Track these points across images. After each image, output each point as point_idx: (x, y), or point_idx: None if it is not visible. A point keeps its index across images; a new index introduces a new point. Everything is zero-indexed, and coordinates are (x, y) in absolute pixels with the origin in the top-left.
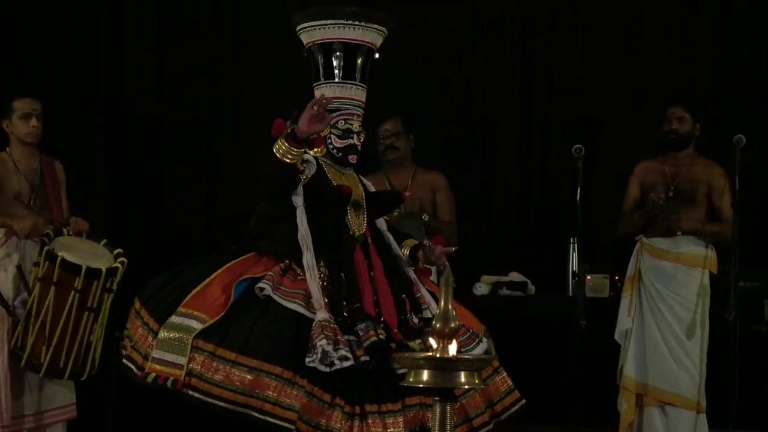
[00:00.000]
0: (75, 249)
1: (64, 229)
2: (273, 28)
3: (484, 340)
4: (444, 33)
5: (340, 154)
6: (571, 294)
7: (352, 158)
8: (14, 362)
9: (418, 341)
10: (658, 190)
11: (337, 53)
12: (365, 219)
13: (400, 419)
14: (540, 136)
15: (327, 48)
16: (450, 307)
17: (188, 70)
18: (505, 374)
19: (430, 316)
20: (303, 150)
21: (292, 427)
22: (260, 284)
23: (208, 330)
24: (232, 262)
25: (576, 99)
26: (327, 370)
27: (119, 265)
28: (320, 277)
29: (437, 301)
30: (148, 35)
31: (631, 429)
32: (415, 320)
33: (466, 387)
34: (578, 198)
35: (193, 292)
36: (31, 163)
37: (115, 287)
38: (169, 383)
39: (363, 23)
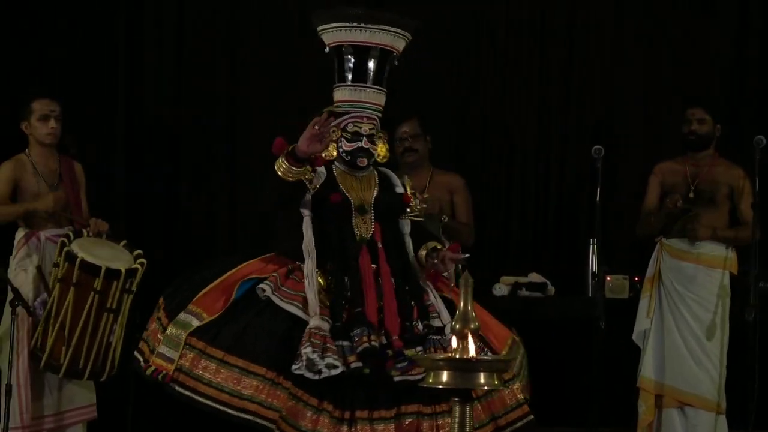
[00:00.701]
0: (95, 250)
1: (84, 231)
2: (293, 30)
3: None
4: (461, 35)
5: (348, 157)
6: (590, 295)
7: (361, 161)
8: (34, 363)
9: (418, 349)
10: (675, 198)
11: (347, 56)
12: (372, 222)
13: (392, 426)
14: (559, 137)
15: (339, 51)
16: (470, 308)
17: (207, 71)
18: (516, 387)
19: (439, 324)
20: (304, 168)
21: (272, 426)
22: (261, 285)
23: (203, 328)
24: (246, 263)
25: (595, 99)
26: (315, 377)
27: (139, 266)
28: (326, 281)
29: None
30: (167, 37)
31: (650, 430)
32: (420, 327)
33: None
34: (598, 199)
35: (204, 290)
36: (50, 165)
37: (134, 288)
38: (160, 377)
39: (370, 26)
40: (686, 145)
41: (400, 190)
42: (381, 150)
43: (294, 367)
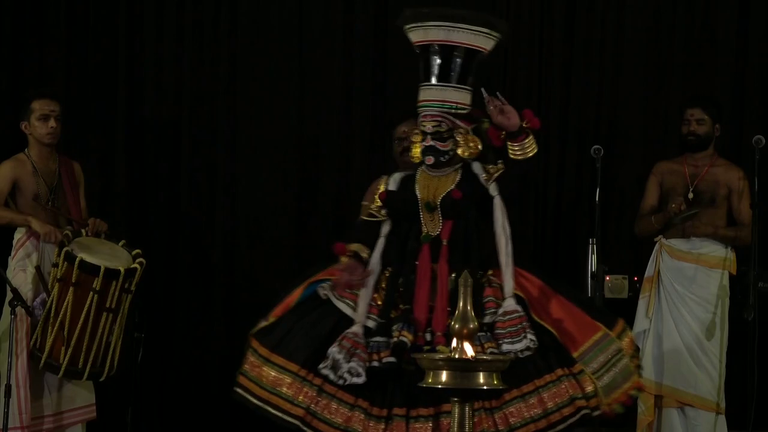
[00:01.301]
0: (94, 250)
1: (83, 230)
2: (294, 30)
3: (528, 336)
4: None
5: (422, 156)
6: (589, 295)
7: (428, 159)
8: (33, 363)
9: None
10: (679, 201)
11: (422, 57)
12: (441, 220)
13: (429, 425)
14: (559, 137)
15: (419, 52)
16: (469, 308)
17: (207, 71)
18: (584, 380)
19: (488, 320)
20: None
21: (296, 422)
22: (322, 284)
23: (262, 329)
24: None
25: (595, 99)
26: (339, 382)
27: (138, 266)
28: (385, 280)
29: (527, 304)
30: (167, 37)
31: (650, 430)
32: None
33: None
34: (597, 199)
35: (286, 298)
36: (50, 164)
37: (133, 288)
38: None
39: (419, 23)
40: (685, 146)
41: (479, 176)
42: (462, 149)
43: (320, 366)
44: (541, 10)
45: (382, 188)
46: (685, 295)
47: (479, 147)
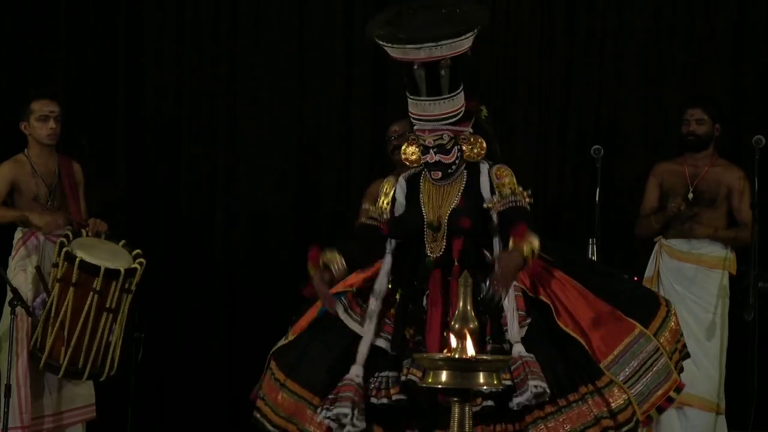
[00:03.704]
0: (94, 250)
1: (83, 230)
2: (294, 30)
3: (530, 384)
4: None
5: (426, 170)
6: None
7: (435, 174)
8: (33, 363)
9: None
10: (678, 201)
11: (406, 70)
12: (444, 240)
13: None
14: (558, 137)
15: (400, 65)
16: (469, 308)
17: (207, 71)
18: (614, 392)
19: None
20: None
21: None
22: (339, 298)
23: (281, 349)
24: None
25: (594, 99)
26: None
27: (138, 266)
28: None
29: (552, 312)
30: (167, 37)
31: (650, 430)
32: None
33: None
34: (597, 199)
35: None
36: (49, 165)
37: (133, 288)
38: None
39: (393, 45)
40: (685, 146)
41: (484, 190)
42: (469, 152)
43: (323, 416)
44: (541, 10)
45: (384, 202)
46: (685, 295)
47: (485, 145)
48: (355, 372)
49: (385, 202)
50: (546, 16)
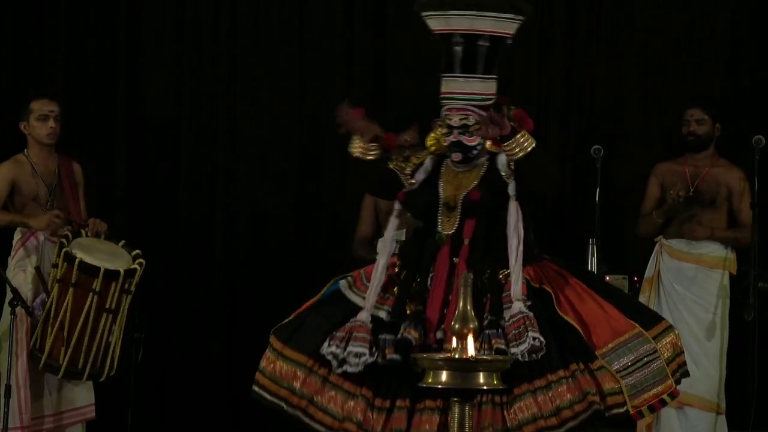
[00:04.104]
0: (93, 250)
1: (83, 231)
2: (294, 29)
3: (530, 335)
4: None
5: (447, 152)
6: None
7: (456, 156)
8: (33, 363)
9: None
10: (678, 187)
11: (442, 46)
12: (458, 219)
13: (437, 417)
14: (558, 137)
15: (437, 40)
16: (469, 308)
17: (207, 69)
18: (604, 377)
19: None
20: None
21: (298, 413)
22: (341, 281)
23: (279, 326)
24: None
25: (595, 99)
26: (338, 370)
27: (137, 267)
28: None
29: (552, 299)
30: (167, 37)
31: (650, 430)
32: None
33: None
34: (597, 198)
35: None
36: (49, 165)
37: (133, 288)
38: None
39: (439, 12)
40: (685, 146)
41: (504, 175)
42: (490, 142)
43: (323, 350)
44: (541, 10)
45: (413, 161)
46: (685, 295)
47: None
48: (365, 317)
49: (414, 162)
50: (546, 16)
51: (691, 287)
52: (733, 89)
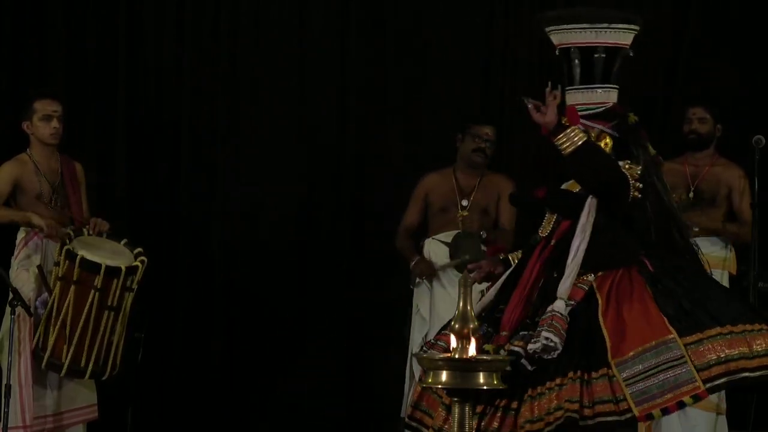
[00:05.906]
0: (95, 248)
1: (85, 230)
2: (294, 29)
3: (543, 335)
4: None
5: None
6: None
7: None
8: (36, 362)
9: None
10: (678, 192)
11: (568, 59)
12: (554, 219)
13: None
14: None
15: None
16: (469, 308)
17: (207, 69)
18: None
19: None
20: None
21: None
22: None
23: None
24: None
25: None
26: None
27: (139, 264)
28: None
29: (598, 305)
30: (168, 37)
31: (650, 430)
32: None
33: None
34: None
35: None
36: (52, 164)
37: (135, 286)
38: None
39: (561, 26)
40: (686, 145)
41: None
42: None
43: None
44: (541, 10)
45: None
46: None
47: (609, 144)
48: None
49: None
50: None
51: None
52: (733, 89)
